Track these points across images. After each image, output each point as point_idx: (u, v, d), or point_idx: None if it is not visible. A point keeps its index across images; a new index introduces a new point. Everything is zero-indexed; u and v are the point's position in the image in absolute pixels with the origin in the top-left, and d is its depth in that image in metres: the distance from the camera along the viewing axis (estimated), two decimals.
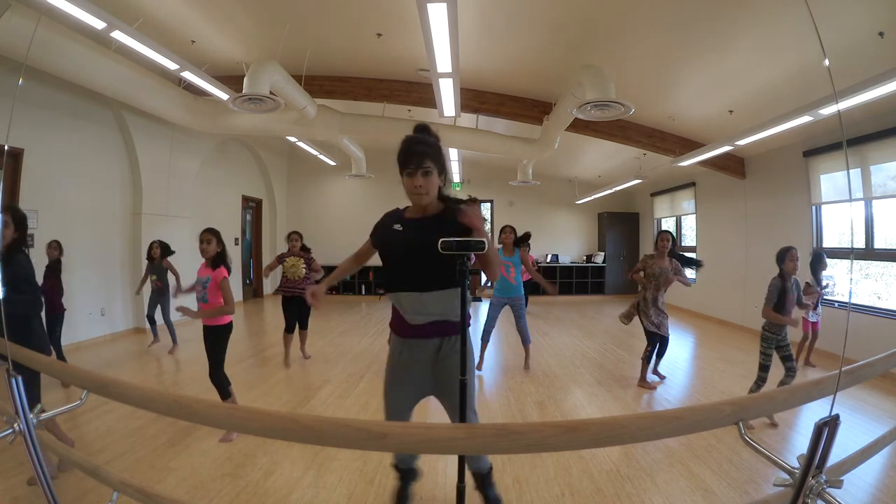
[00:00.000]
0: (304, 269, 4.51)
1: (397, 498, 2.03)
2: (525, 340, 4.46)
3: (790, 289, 3.08)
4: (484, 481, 1.98)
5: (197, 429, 2.90)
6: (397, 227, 1.70)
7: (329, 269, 2.28)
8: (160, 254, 5.03)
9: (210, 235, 2.94)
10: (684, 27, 3.68)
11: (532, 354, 4.62)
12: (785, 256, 3.10)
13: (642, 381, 4.01)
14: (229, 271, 2.95)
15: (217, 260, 2.94)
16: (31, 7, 3.26)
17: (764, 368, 3.10)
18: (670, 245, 3.96)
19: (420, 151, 1.56)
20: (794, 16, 3.18)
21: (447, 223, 1.53)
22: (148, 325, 5.25)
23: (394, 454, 1.96)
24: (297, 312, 4.64)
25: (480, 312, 7.13)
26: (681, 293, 8.62)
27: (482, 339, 4.46)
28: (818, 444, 0.83)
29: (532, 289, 7.27)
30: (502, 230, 4.36)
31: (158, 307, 5.11)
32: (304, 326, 4.78)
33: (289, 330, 4.64)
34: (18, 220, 2.23)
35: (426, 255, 1.47)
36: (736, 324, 6.85)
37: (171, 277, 5.07)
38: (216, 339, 2.95)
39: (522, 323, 4.40)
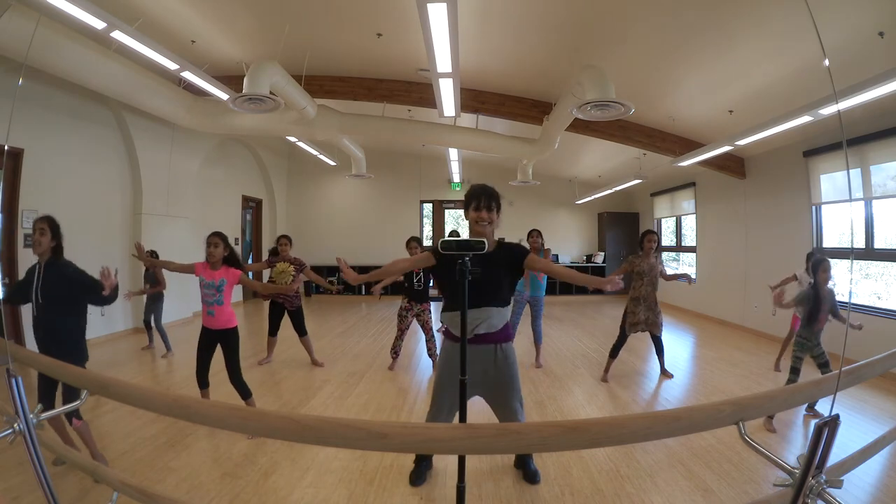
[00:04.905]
0: (291, 277, 4.37)
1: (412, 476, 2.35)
2: (538, 339, 4.61)
3: (825, 298, 3.08)
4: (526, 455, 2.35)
5: (197, 429, 2.90)
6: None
7: (329, 269, 2.33)
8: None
9: (218, 239, 2.95)
10: (684, 27, 3.68)
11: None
12: (818, 269, 3.11)
13: (604, 375, 4.19)
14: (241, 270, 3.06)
15: (229, 262, 2.99)
16: (31, 7, 3.25)
17: (795, 371, 3.13)
18: (656, 245, 4.09)
19: (488, 193, 2.13)
20: (794, 16, 3.18)
21: (502, 257, 2.12)
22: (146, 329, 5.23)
23: None
24: (281, 317, 4.51)
25: None
26: (682, 293, 8.63)
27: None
28: (818, 445, 0.83)
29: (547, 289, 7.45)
30: (530, 234, 4.57)
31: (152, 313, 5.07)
32: (302, 333, 4.54)
33: (271, 333, 4.59)
34: (55, 228, 2.43)
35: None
36: (736, 324, 6.84)
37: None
38: (236, 341, 3.00)
39: (540, 322, 4.61)
